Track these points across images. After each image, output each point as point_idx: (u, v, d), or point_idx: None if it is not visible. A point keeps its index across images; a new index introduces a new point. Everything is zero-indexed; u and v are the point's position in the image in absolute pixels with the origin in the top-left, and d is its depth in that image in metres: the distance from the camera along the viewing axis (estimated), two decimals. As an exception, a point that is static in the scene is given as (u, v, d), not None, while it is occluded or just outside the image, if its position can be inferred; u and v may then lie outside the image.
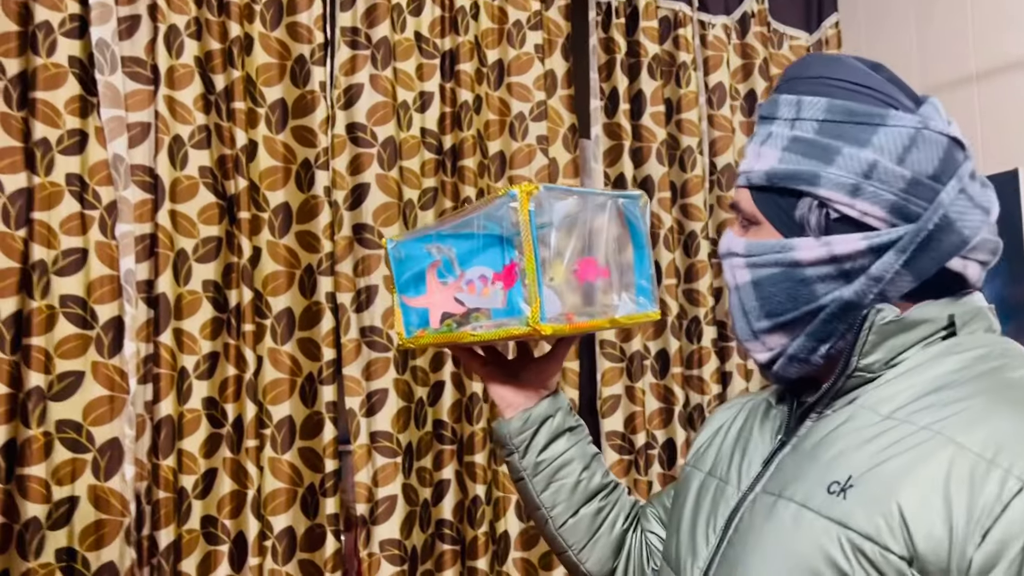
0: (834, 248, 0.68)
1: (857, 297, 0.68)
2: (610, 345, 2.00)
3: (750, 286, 0.73)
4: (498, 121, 1.92)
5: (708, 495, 0.78)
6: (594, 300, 0.87)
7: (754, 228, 0.73)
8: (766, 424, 0.78)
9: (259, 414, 1.62)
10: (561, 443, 0.93)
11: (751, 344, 0.75)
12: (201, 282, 1.57)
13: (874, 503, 0.60)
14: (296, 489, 1.65)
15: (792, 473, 0.69)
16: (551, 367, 0.96)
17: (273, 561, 1.61)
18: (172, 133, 1.56)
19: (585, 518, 0.93)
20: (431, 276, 0.92)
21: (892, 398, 0.66)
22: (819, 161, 0.69)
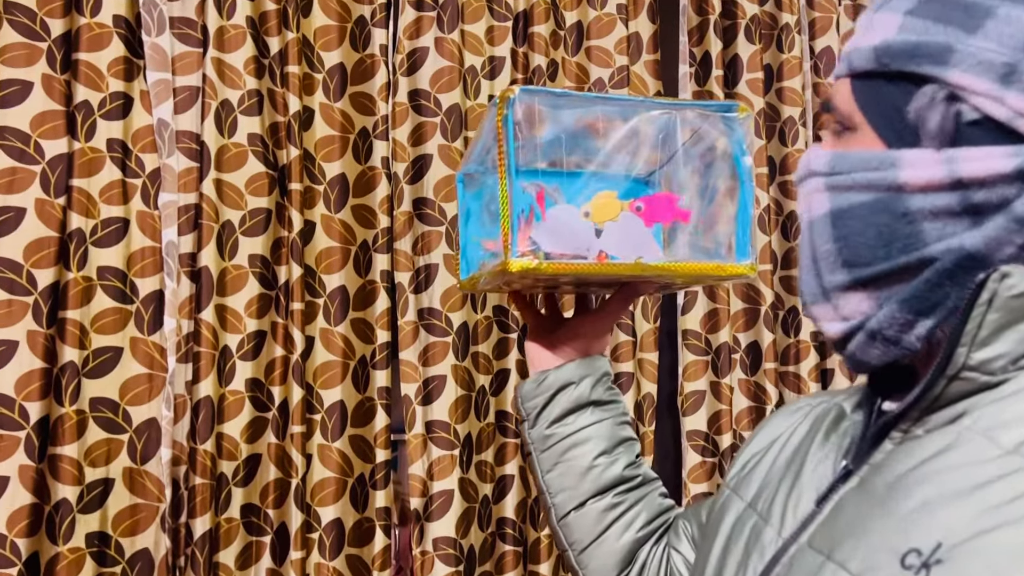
0: (961, 167, 0.44)
1: (987, 248, 0.44)
2: (694, 336, 1.82)
3: (827, 219, 0.49)
4: (575, 88, 1.76)
5: (743, 535, 0.57)
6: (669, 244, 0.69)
7: (848, 135, 0.50)
8: (831, 441, 0.55)
9: (307, 398, 1.52)
10: (582, 418, 0.76)
11: (820, 308, 0.51)
12: (247, 257, 1.48)
13: None
14: (345, 479, 1.54)
15: (852, 524, 0.46)
16: (595, 324, 0.78)
17: (319, 555, 1.51)
18: (220, 98, 1.47)
19: (591, 514, 0.74)
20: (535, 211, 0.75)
21: (1016, 423, 0.42)
22: (958, 28, 0.45)
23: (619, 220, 0.70)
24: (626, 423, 0.79)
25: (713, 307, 1.84)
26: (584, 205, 0.70)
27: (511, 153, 0.66)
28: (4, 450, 1.26)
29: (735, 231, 0.71)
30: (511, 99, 0.67)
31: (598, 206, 0.70)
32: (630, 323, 1.77)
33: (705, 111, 0.71)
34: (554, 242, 0.68)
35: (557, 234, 0.69)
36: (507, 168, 0.66)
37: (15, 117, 1.32)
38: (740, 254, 0.71)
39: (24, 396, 1.28)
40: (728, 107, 0.70)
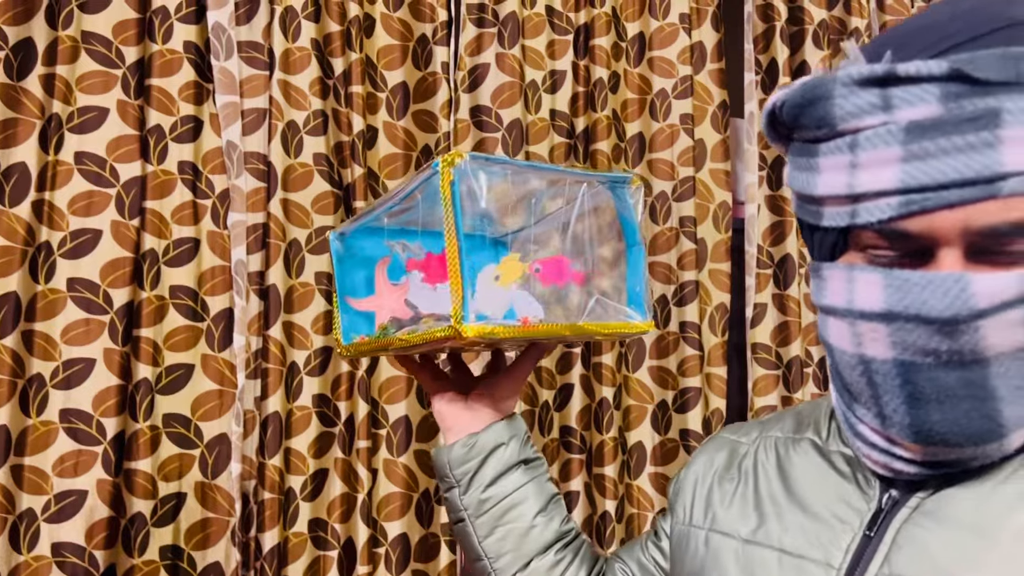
0: None
1: None
2: (764, 350, 1.78)
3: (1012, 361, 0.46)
4: (637, 100, 1.75)
5: (769, 572, 0.56)
6: (568, 306, 0.71)
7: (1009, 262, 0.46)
8: (833, 474, 0.56)
9: (372, 413, 1.53)
10: (513, 479, 0.75)
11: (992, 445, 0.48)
12: (314, 274, 1.50)
13: None
14: (411, 494, 1.55)
15: (950, 554, 0.47)
16: (510, 384, 0.77)
17: (386, 570, 1.52)
18: (286, 119, 1.50)
19: (537, 573, 0.74)
20: (380, 274, 0.77)
21: None
22: None
23: (522, 282, 0.71)
24: (550, 479, 0.79)
25: (783, 320, 1.80)
26: (494, 269, 0.70)
27: (458, 218, 0.65)
28: (83, 465, 1.31)
29: (630, 290, 0.74)
30: (460, 165, 0.67)
31: (506, 270, 0.70)
32: (697, 337, 1.74)
33: (602, 181, 0.74)
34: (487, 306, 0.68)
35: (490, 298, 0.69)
36: (456, 234, 0.65)
37: (92, 142, 1.37)
38: (639, 311, 0.74)
39: (101, 412, 1.32)
40: (623, 180, 0.75)
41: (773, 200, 1.83)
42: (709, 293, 1.78)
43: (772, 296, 1.81)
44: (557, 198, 0.75)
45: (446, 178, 0.66)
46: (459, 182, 0.66)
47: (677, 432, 1.72)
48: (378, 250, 0.80)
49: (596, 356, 1.69)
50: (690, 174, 1.75)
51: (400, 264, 0.78)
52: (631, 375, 1.72)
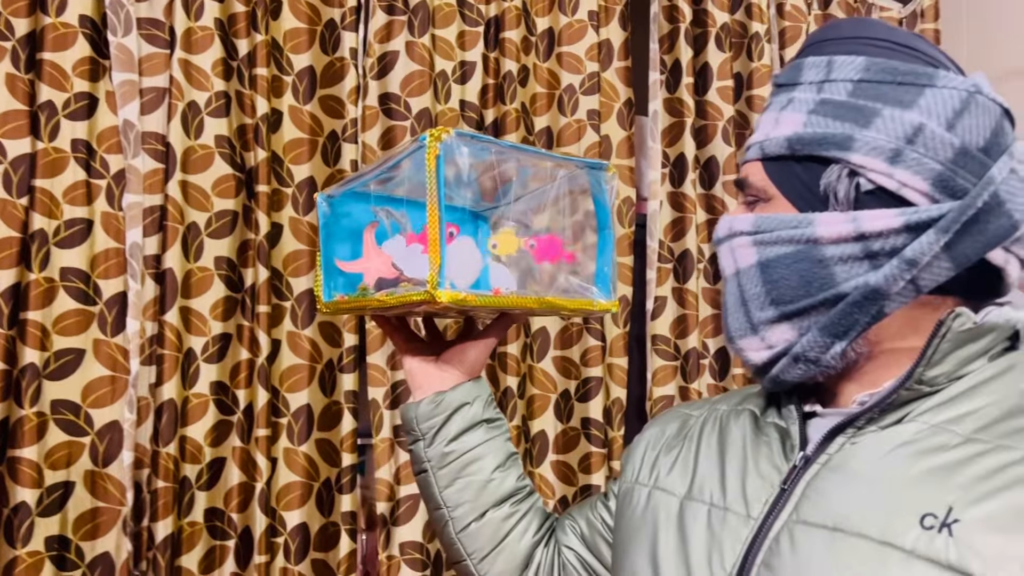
0: (863, 224, 0.58)
1: (885, 283, 0.58)
2: (663, 341, 1.83)
3: (756, 269, 0.63)
4: (546, 94, 1.77)
5: (698, 523, 0.64)
6: (540, 281, 0.76)
7: (762, 205, 0.64)
8: (763, 439, 0.66)
9: (273, 401, 1.51)
10: (475, 435, 0.81)
11: (747, 340, 0.64)
12: (213, 259, 1.47)
13: (999, 547, 0.49)
14: (311, 483, 1.54)
15: (847, 501, 0.56)
16: (478, 349, 0.84)
17: (284, 559, 1.50)
18: (187, 100, 1.46)
19: (491, 523, 0.81)
20: (369, 238, 0.79)
21: (970, 416, 0.56)
22: (853, 123, 0.60)
23: (516, 255, 0.77)
24: (510, 438, 0.86)
25: (682, 313, 1.85)
26: (492, 238, 0.76)
27: (441, 191, 0.70)
28: (-38, 452, 1.25)
29: (599, 271, 0.80)
30: (447, 141, 0.71)
31: (503, 241, 0.76)
32: (600, 328, 1.77)
33: (580, 166, 0.80)
34: (460, 275, 0.73)
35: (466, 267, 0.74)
36: (437, 206, 0.70)
37: (-23, 116, 1.31)
38: (604, 291, 0.80)
39: (-17, 398, 1.27)
40: (601, 166, 0.81)
41: (675, 197, 1.88)
42: (612, 286, 1.81)
43: (672, 290, 1.86)
44: (537, 179, 0.80)
45: (432, 152, 0.71)
46: (444, 157, 0.71)
47: (579, 421, 1.76)
48: (364, 215, 0.83)
49: (502, 346, 1.70)
50: (596, 169, 1.78)
51: (386, 230, 0.81)
52: (535, 365, 1.75)
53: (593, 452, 1.74)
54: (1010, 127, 0.61)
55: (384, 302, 0.76)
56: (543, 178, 0.78)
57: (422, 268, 0.73)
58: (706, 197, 1.91)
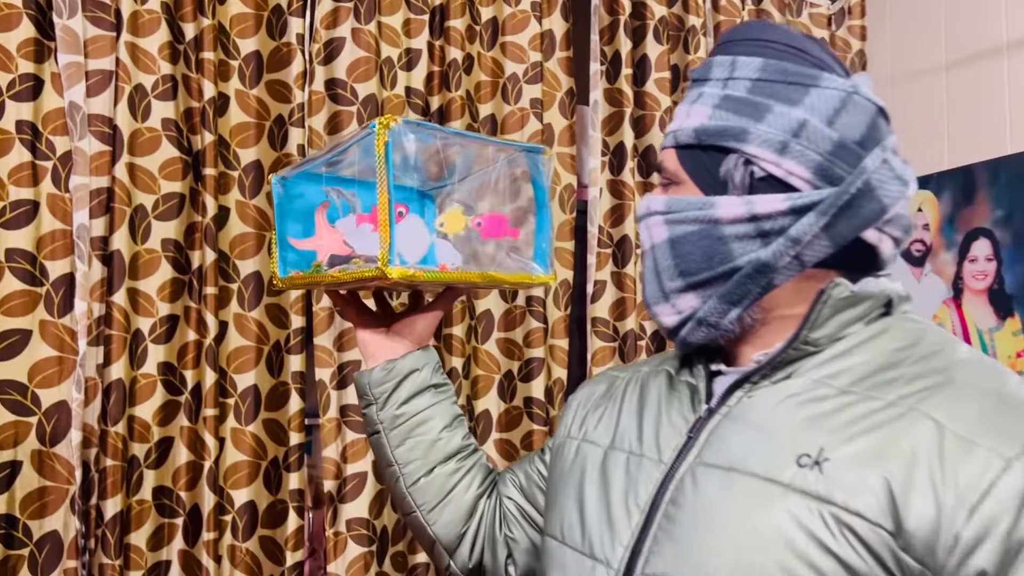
0: (755, 207, 0.67)
1: (773, 258, 0.67)
2: (602, 324, 1.90)
3: (667, 244, 0.71)
4: (490, 83, 1.81)
5: (619, 470, 0.73)
6: (482, 257, 0.83)
7: (675, 187, 0.72)
8: (676, 396, 0.75)
9: (220, 382, 1.54)
10: (424, 399, 0.89)
11: (660, 307, 0.72)
12: (160, 241, 1.49)
13: (857, 479, 0.59)
14: (259, 462, 1.57)
15: (739, 445, 0.66)
16: (426, 321, 0.91)
17: (232, 536, 1.53)
18: (134, 82, 1.47)
19: (439, 478, 0.88)
20: (320, 218, 0.84)
21: (844, 373, 0.66)
22: (749, 118, 0.68)
23: (463, 233, 0.82)
24: (456, 402, 0.93)
25: (621, 296, 1.92)
26: (440, 217, 0.82)
27: (390, 174, 0.75)
28: (-94, 432, 1.25)
29: (538, 247, 0.86)
30: (394, 128, 0.77)
31: (450, 220, 0.82)
32: (542, 311, 1.83)
33: (519, 150, 0.87)
34: (408, 251, 0.78)
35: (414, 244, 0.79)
36: (387, 188, 0.75)
37: (-81, 96, 1.31)
38: (543, 266, 0.87)
39: (-73, 378, 1.27)
40: (538, 150, 0.88)
41: (614, 184, 1.94)
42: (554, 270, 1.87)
43: (611, 274, 1.92)
44: (479, 162, 0.86)
45: (381, 138, 0.76)
46: (392, 143, 0.76)
47: (522, 400, 1.81)
48: (316, 196, 0.89)
49: (447, 328, 1.75)
50: (538, 156, 1.83)
51: (338, 209, 0.86)
52: (480, 346, 1.80)
53: (535, 430, 1.80)
54: (885, 123, 0.70)
55: (338, 278, 0.81)
56: (485, 161, 0.84)
57: (373, 246, 0.78)
58: (644, 185, 1.97)
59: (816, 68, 0.69)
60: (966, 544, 0.55)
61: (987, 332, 1.91)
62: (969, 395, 0.60)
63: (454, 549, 0.89)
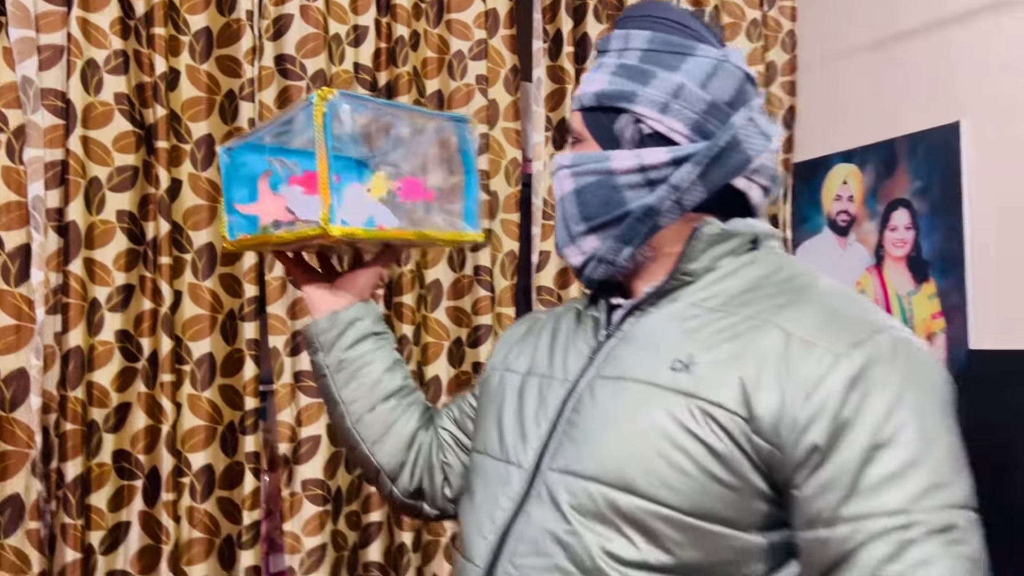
0: (644, 159, 0.78)
1: (658, 202, 0.78)
2: (547, 292, 1.98)
3: (573, 194, 0.81)
4: (436, 59, 1.87)
5: (532, 390, 0.83)
6: (416, 216, 0.91)
7: (580, 145, 0.83)
8: (582, 327, 0.85)
9: (176, 350, 1.58)
10: (366, 345, 0.98)
11: (569, 248, 0.83)
12: (115, 212, 1.53)
13: (718, 377, 0.70)
14: (215, 427, 1.62)
15: (628, 359, 0.77)
16: (366, 276, 1.00)
17: (190, 498, 1.59)
18: (85, 57, 1.50)
19: (381, 414, 0.97)
20: (263, 185, 0.92)
21: (715, 296, 0.77)
22: (638, 83, 0.79)
23: (387, 196, 0.91)
24: (396, 348, 1.03)
25: (564, 266, 2.00)
26: (367, 183, 0.91)
27: (328, 142, 0.83)
28: None
29: (466, 208, 0.95)
30: (332, 100, 0.84)
31: (375, 185, 0.90)
32: (489, 280, 1.91)
33: (447, 119, 0.96)
34: (348, 214, 0.87)
35: (353, 207, 0.88)
36: (326, 155, 0.83)
37: None
38: (471, 225, 0.96)
39: None
40: (464, 120, 0.97)
41: (557, 157, 2.02)
42: (500, 241, 1.95)
43: (555, 244, 2.00)
44: (411, 131, 0.94)
45: (319, 110, 0.83)
46: (330, 114, 0.83)
47: (470, 365, 1.89)
48: (259, 165, 0.96)
49: (397, 296, 1.82)
50: (484, 131, 1.91)
51: (280, 177, 0.94)
52: (429, 314, 1.87)
53: (483, 394, 1.88)
54: (752, 88, 0.81)
55: (283, 238, 0.90)
56: (416, 130, 0.92)
57: (314, 209, 0.86)
58: (586, 158, 2.05)
59: (694, 40, 0.80)
60: (802, 424, 0.66)
61: (905, 296, 2.04)
62: (813, 309, 0.72)
63: (396, 476, 0.98)
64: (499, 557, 0.77)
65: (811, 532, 0.67)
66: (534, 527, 0.75)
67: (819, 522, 0.66)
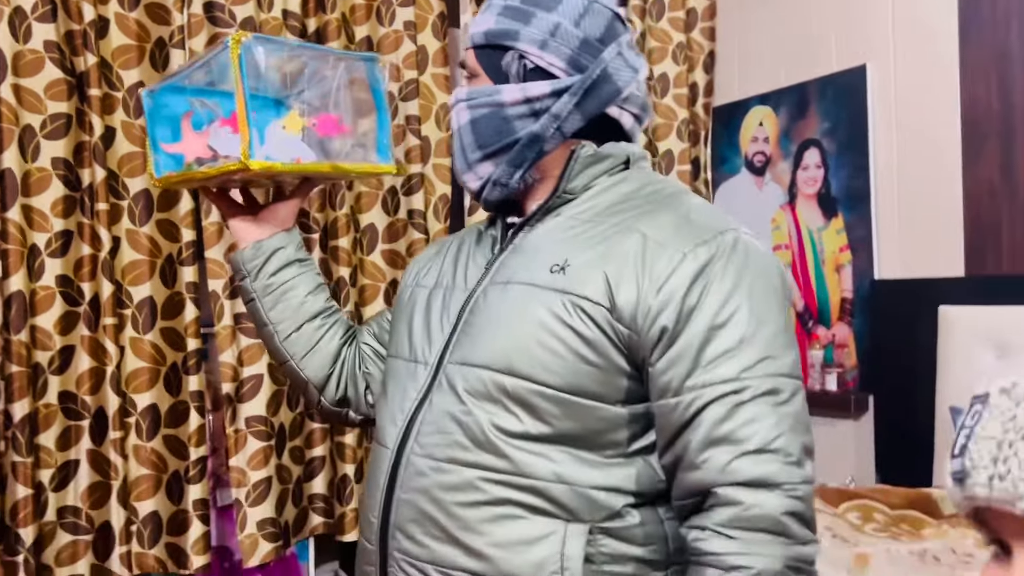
0: (528, 92, 0.87)
1: (542, 130, 0.87)
2: (479, 233, 2.05)
3: (468, 125, 0.89)
4: (364, 5, 1.91)
5: (438, 300, 0.93)
6: (331, 150, 0.97)
7: (474, 80, 0.91)
8: (481, 244, 0.96)
9: (117, 294, 1.63)
10: (290, 271, 1.05)
11: (467, 175, 0.91)
12: (50, 159, 1.55)
13: (587, 276, 0.81)
14: (159, 368, 1.68)
15: (516, 266, 0.87)
16: (287, 208, 1.06)
17: (137, 436, 1.65)
18: (13, 4, 1.51)
19: (307, 332, 1.06)
20: (186, 125, 0.98)
21: (591, 209, 0.88)
22: (521, 22, 0.87)
23: (303, 132, 0.97)
24: (319, 273, 1.10)
25: (495, 207, 2.08)
26: (280, 121, 0.97)
27: (245, 83, 0.89)
28: None
29: (379, 142, 1.02)
30: (246, 43, 0.90)
31: (290, 123, 0.96)
32: (423, 223, 1.97)
33: (357, 59, 1.03)
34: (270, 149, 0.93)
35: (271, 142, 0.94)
36: (243, 95, 0.89)
37: None
38: (384, 158, 1.03)
39: None
40: (374, 59, 1.03)
41: (486, 102, 2.08)
42: (433, 185, 2.01)
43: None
44: (324, 71, 0.99)
45: (235, 52, 0.89)
46: (245, 55, 0.89)
47: (405, 305, 1.96)
48: (181, 106, 1.02)
49: (333, 240, 1.88)
50: (414, 76, 1.96)
51: (201, 117, 0.99)
52: (365, 257, 1.93)
53: (419, 332, 1.96)
54: (620, 25, 0.90)
55: (207, 174, 0.96)
56: (328, 70, 0.99)
57: (235, 145, 0.92)
58: (514, 103, 2.12)
59: None
60: (654, 310, 0.78)
61: (816, 231, 2.17)
62: (669, 216, 0.84)
63: (323, 387, 1.06)
64: (407, 440, 0.87)
65: (662, 401, 0.79)
66: (436, 411, 0.86)
67: (668, 392, 0.78)
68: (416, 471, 0.85)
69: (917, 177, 1.97)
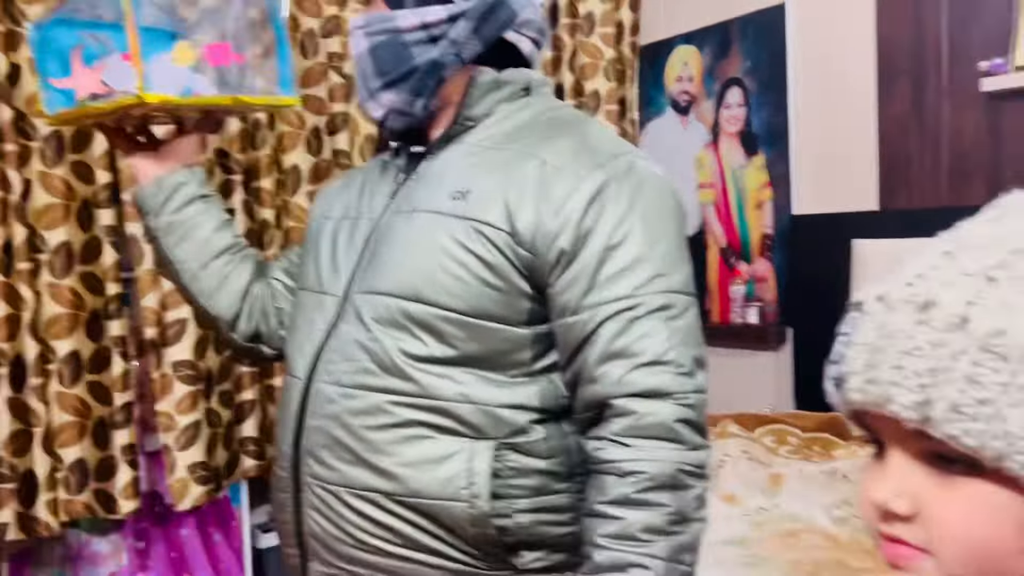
0: (426, 17, 0.86)
1: (440, 56, 0.87)
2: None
3: (368, 53, 0.89)
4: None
5: (344, 231, 0.93)
6: (231, 82, 0.95)
7: (371, 6, 0.91)
8: (386, 174, 0.95)
9: (31, 238, 1.58)
10: (194, 207, 1.02)
11: (370, 103, 0.90)
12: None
13: (488, 201, 0.83)
14: (79, 313, 1.64)
15: (419, 195, 0.88)
16: (189, 143, 1.03)
17: (58, 383, 1.62)
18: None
19: (213, 270, 1.03)
20: (76, 59, 0.95)
21: (491, 136, 0.88)
22: None
23: (196, 65, 0.94)
24: (224, 210, 1.06)
25: (422, 148, 2.07)
26: (171, 53, 0.93)
27: (137, 15, 0.87)
28: None
29: (281, 74, 1.00)
30: None
31: (179, 54, 0.93)
32: (349, 163, 1.95)
33: None
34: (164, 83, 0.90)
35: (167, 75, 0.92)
36: (135, 27, 0.87)
37: None
38: (287, 90, 1.00)
39: None
40: None
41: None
42: (358, 124, 1.99)
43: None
44: (219, 2, 0.96)
45: None
46: None
47: (332, 247, 1.96)
48: (71, 39, 0.97)
49: (255, 181, 1.85)
50: (335, 12, 1.92)
51: (93, 51, 0.95)
52: (290, 199, 1.91)
53: (347, 274, 1.95)
54: None
55: (102, 110, 0.92)
56: (224, 1, 0.96)
57: (129, 80, 0.89)
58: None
59: None
60: (553, 233, 0.80)
61: (739, 169, 2.22)
62: (567, 141, 0.85)
63: (233, 324, 1.04)
64: (316, 369, 0.88)
65: (562, 320, 0.82)
66: (343, 340, 0.87)
67: (567, 311, 0.81)
68: (326, 398, 0.86)
69: (833, 114, 2.02)
